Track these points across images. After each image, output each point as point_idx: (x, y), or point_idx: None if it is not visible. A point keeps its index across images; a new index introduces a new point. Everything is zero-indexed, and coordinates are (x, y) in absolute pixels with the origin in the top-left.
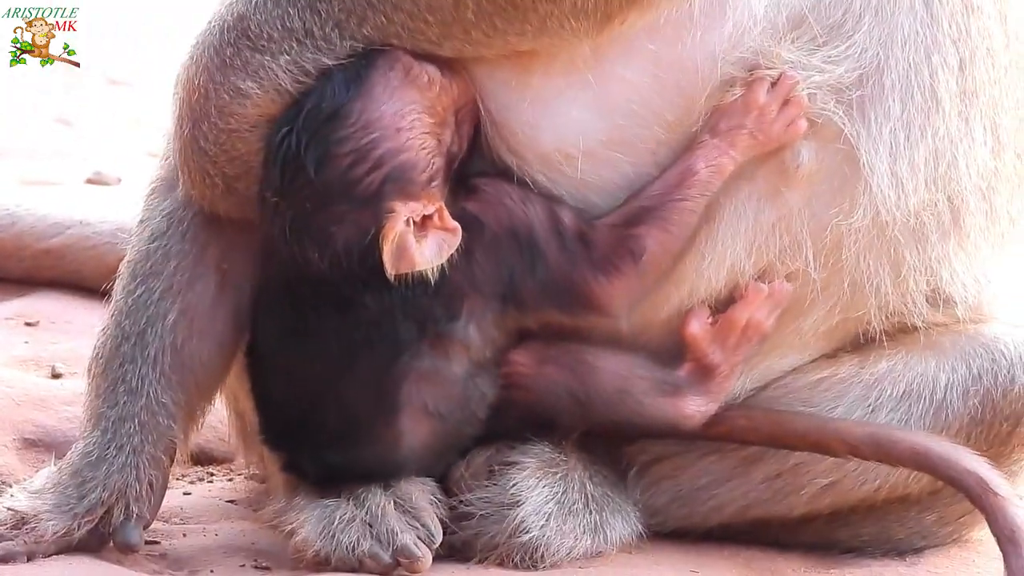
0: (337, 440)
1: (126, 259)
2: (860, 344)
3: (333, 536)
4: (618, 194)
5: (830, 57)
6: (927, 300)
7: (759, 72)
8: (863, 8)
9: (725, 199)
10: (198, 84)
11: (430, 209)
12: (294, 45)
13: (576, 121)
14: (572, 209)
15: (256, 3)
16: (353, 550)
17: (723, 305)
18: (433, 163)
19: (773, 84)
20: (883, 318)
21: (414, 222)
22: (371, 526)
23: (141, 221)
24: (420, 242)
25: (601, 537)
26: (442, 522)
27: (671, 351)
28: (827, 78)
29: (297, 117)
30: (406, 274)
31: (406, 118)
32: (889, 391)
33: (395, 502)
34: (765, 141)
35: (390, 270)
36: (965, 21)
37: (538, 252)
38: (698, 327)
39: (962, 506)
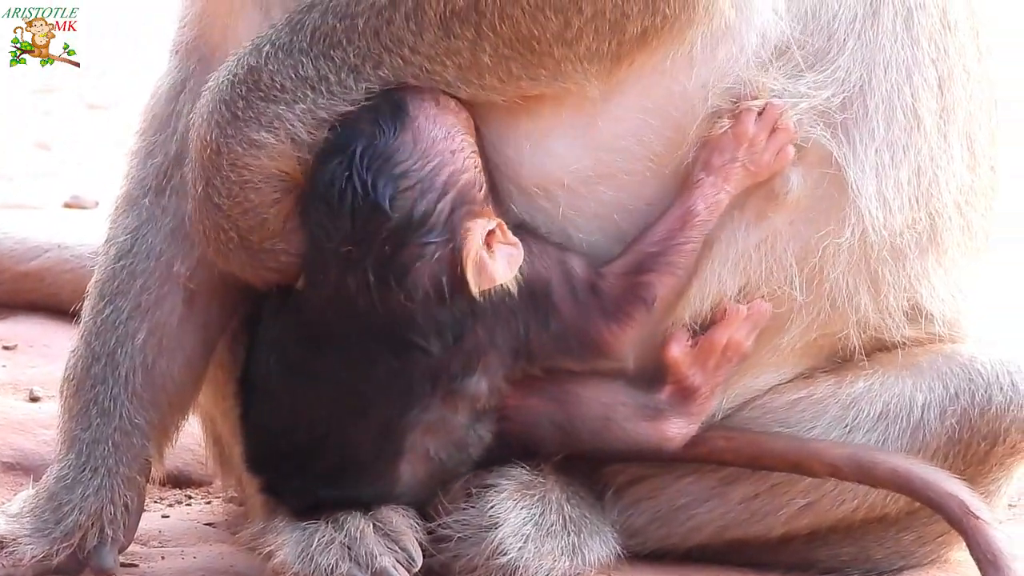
0: (332, 476)
1: (93, 279)
2: (837, 363)
3: (311, 559)
4: (602, 227)
5: (815, 82)
6: (906, 316)
7: (744, 103)
8: (847, 33)
9: (718, 230)
10: (210, 140)
11: (492, 224)
12: (308, 93)
13: (563, 157)
14: (581, 258)
15: (267, 55)
16: (331, 573)
17: (704, 326)
18: (484, 179)
19: (759, 113)
20: (861, 334)
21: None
22: (350, 549)
23: (106, 240)
24: (492, 257)
25: (579, 559)
26: (421, 545)
27: (652, 373)
28: (813, 103)
29: (351, 162)
30: (488, 291)
31: (455, 140)
32: (866, 411)
33: (374, 525)
34: (757, 172)
35: (474, 289)
36: (943, 40)
37: (552, 306)
38: (678, 350)
39: (940, 526)
